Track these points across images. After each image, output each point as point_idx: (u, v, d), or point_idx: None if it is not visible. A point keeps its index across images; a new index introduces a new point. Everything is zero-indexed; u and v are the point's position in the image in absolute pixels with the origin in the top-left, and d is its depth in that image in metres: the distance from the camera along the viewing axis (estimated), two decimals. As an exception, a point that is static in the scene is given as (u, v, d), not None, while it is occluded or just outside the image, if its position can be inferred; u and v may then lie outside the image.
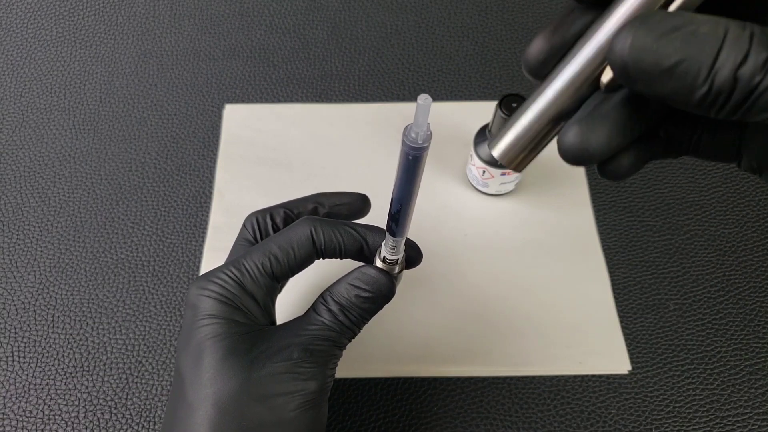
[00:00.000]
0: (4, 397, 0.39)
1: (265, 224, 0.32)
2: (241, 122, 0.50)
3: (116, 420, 0.38)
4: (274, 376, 0.27)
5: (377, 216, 0.35)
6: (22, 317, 0.41)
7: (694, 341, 0.41)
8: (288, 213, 0.33)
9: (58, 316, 0.41)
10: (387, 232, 0.27)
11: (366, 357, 0.40)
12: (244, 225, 0.33)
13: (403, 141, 0.22)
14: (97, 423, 0.38)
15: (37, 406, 0.38)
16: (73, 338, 0.41)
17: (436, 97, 0.52)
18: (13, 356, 0.40)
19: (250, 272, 0.29)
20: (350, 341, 0.30)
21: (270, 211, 0.33)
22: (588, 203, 0.46)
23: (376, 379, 0.40)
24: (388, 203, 0.26)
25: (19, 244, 0.44)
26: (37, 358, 0.40)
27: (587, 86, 0.19)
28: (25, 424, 0.38)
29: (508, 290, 0.42)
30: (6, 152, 0.48)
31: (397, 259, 0.29)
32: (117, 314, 0.42)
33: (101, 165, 0.48)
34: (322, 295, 0.30)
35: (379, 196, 0.37)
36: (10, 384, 0.39)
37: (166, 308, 0.42)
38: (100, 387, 0.39)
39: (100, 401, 0.39)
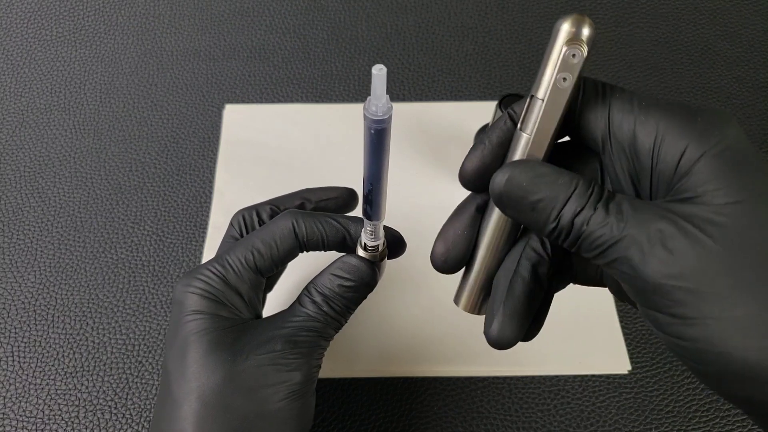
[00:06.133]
0: (4, 397, 0.39)
1: (252, 221, 0.32)
2: (241, 122, 0.50)
3: (116, 420, 0.38)
4: (258, 368, 0.27)
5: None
6: (22, 317, 0.41)
7: (693, 341, 0.41)
8: (275, 209, 0.33)
9: (58, 316, 0.41)
10: (364, 217, 0.27)
11: (366, 357, 0.40)
12: (231, 223, 0.33)
13: (364, 116, 0.21)
14: (97, 423, 0.38)
15: (37, 406, 0.38)
16: (73, 338, 0.41)
17: (436, 97, 0.52)
18: (13, 356, 0.40)
19: (233, 267, 0.29)
20: (336, 332, 0.30)
21: (256, 208, 0.33)
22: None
23: (377, 379, 0.40)
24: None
25: (19, 244, 0.44)
26: (37, 358, 0.40)
27: (503, 245, 0.24)
28: (25, 424, 0.38)
29: (508, 290, 0.42)
30: (6, 152, 0.48)
31: (378, 246, 0.29)
32: (117, 314, 0.42)
33: (101, 165, 0.48)
34: (306, 287, 0.30)
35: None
36: (10, 384, 0.39)
37: (166, 308, 0.42)
38: (100, 387, 0.39)
39: (100, 401, 0.39)
